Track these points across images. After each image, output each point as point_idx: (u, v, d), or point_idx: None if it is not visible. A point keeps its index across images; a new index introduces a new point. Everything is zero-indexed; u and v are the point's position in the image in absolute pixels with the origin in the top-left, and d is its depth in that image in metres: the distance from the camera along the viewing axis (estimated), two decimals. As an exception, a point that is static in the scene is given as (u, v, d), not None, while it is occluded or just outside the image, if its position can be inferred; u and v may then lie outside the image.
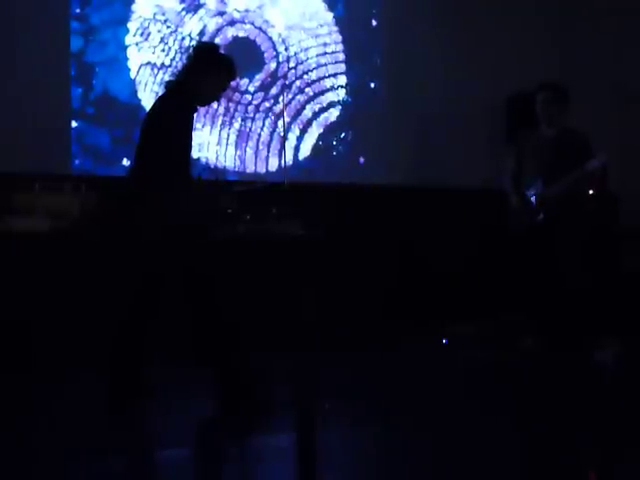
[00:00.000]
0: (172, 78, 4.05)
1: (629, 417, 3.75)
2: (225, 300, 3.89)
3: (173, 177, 3.75)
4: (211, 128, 5.99)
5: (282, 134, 5.84)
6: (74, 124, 5.58)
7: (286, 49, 6.28)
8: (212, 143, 6.01)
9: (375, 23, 6.60)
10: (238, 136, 6.10)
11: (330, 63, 6.42)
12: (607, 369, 4.85)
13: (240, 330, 3.98)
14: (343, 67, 6.48)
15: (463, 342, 5.53)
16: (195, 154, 5.80)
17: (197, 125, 5.82)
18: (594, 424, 3.67)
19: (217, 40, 5.89)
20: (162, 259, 3.79)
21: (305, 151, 6.32)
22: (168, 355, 4.31)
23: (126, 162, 5.51)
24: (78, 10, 5.60)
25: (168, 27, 5.87)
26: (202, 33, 5.96)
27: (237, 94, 6.08)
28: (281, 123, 5.92)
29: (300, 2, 6.33)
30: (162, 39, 5.84)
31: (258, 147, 6.15)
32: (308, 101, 6.34)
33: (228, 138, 6.07)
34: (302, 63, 6.32)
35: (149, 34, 5.80)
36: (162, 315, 3.89)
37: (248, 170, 6.10)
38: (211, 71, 3.92)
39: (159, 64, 5.81)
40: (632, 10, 6.89)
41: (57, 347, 4.68)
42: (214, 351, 3.80)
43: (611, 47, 6.80)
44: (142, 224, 3.78)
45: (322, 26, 6.41)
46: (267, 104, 6.19)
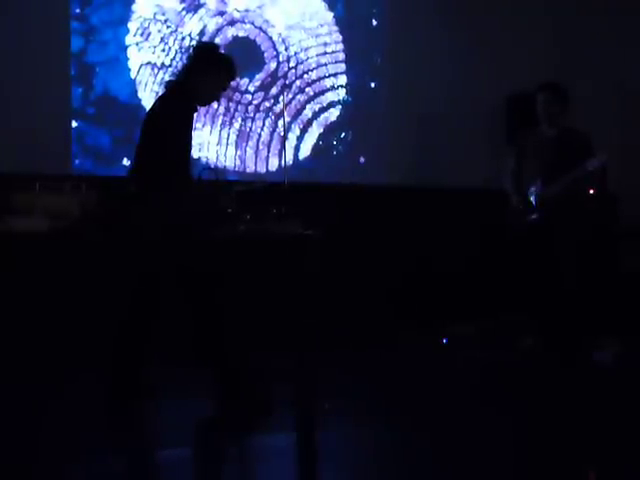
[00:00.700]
0: (172, 78, 4.06)
1: (629, 417, 3.75)
2: (225, 300, 3.89)
3: (173, 177, 3.76)
4: (211, 128, 6.00)
5: (282, 134, 5.84)
6: (74, 124, 5.58)
7: (286, 49, 6.28)
8: (212, 143, 6.01)
9: (375, 23, 6.60)
10: (238, 136, 6.10)
11: (330, 63, 6.42)
12: (607, 369, 4.85)
13: (240, 330, 3.99)
14: (343, 67, 6.47)
15: (463, 342, 5.54)
16: (195, 154, 5.81)
17: (197, 125, 5.82)
18: (594, 424, 3.67)
19: (217, 40, 5.89)
20: (162, 259, 3.79)
21: (305, 151, 6.32)
22: (168, 355, 4.31)
23: (126, 162, 5.51)
24: (78, 10, 5.60)
25: (168, 27, 5.87)
26: (202, 33, 5.96)
27: (237, 94, 6.09)
28: (281, 123, 5.92)
29: (300, 2, 6.32)
30: (162, 39, 5.84)
31: (258, 147, 6.15)
32: (308, 101, 6.34)
33: (228, 138, 6.07)
34: (302, 63, 6.32)
35: (149, 34, 5.80)
36: (162, 315, 3.89)
37: (248, 170, 6.10)
38: (211, 71, 3.92)
39: (159, 64, 5.81)
40: (632, 9, 6.89)
41: (57, 347, 4.68)
42: (214, 351, 3.80)
43: (611, 47, 6.80)
44: (142, 224, 3.78)
45: (322, 26, 6.41)
46: (267, 104, 6.19)
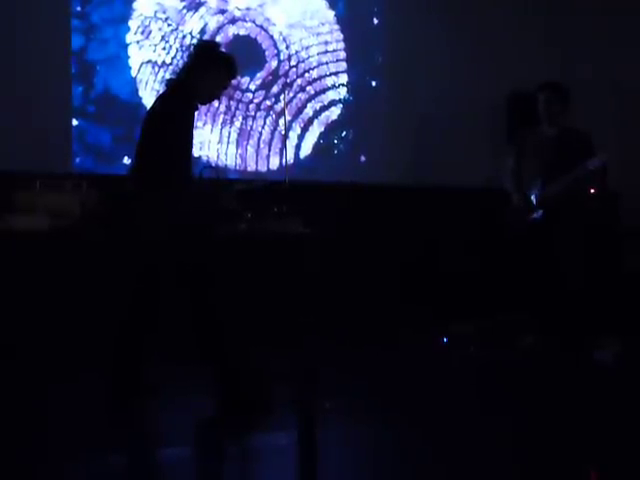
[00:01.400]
0: (173, 76, 4.04)
1: (629, 416, 3.75)
2: (226, 299, 3.89)
3: (174, 176, 3.75)
4: (212, 126, 5.99)
5: (283, 132, 5.84)
6: (75, 122, 5.57)
7: (287, 47, 6.27)
8: (213, 141, 6.00)
9: (376, 21, 6.59)
10: (239, 134, 6.10)
11: (331, 61, 6.42)
12: (607, 368, 4.84)
13: (240, 329, 3.98)
14: (344, 65, 6.47)
15: (463, 341, 5.53)
16: (196, 152, 5.80)
17: (198, 123, 5.82)
18: (594, 424, 3.67)
19: (218, 38, 5.89)
20: (163, 258, 3.79)
21: (306, 150, 6.32)
22: (169, 354, 4.31)
23: (127, 160, 5.50)
24: (79, 8, 5.59)
25: (169, 25, 5.86)
26: (203, 31, 5.95)
27: (238, 92, 6.08)
28: (282, 121, 5.92)
29: (301, 0, 6.32)
30: (163, 37, 5.84)
31: (259, 145, 6.15)
32: (309, 99, 6.34)
33: (229, 136, 6.06)
34: (303, 61, 6.32)
35: (150, 32, 5.80)
36: (163, 314, 3.89)
37: (249, 169, 6.10)
38: (212, 69, 3.91)
39: (160, 62, 5.80)
40: (632, 9, 6.88)
41: (58, 346, 4.68)
42: (214, 350, 3.80)
43: (611, 46, 6.79)
44: (143, 223, 3.78)
45: (323, 24, 6.41)
46: (268, 102, 6.18)
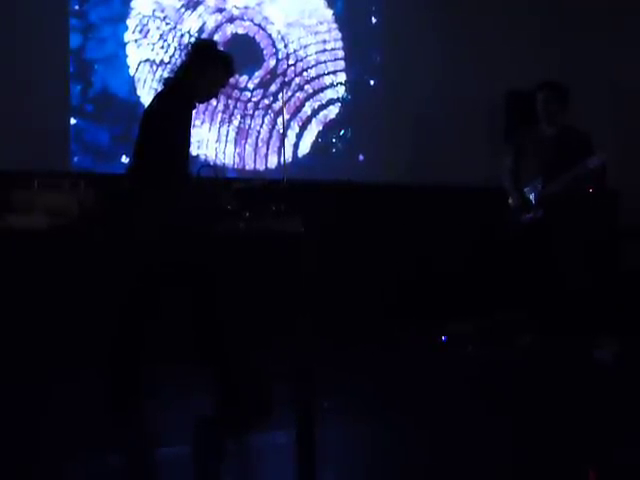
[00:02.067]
0: (171, 75, 4.04)
1: (628, 416, 3.75)
2: (225, 298, 3.89)
3: (172, 175, 3.75)
4: (210, 125, 5.99)
5: (281, 131, 5.84)
6: (73, 121, 5.57)
7: (285, 46, 6.27)
8: (211, 140, 6.00)
9: (374, 20, 6.59)
10: (237, 133, 6.09)
11: (329, 60, 6.42)
12: (606, 368, 4.85)
13: (239, 328, 3.98)
14: (342, 64, 6.47)
15: (461, 340, 5.53)
16: (194, 151, 5.80)
17: (196, 122, 5.82)
18: (593, 423, 3.67)
19: (216, 37, 5.89)
20: (162, 257, 3.78)
21: (304, 148, 6.32)
22: (168, 354, 4.31)
23: (125, 159, 5.50)
24: (77, 7, 5.59)
25: (167, 24, 5.86)
26: (201, 30, 5.95)
27: (236, 91, 6.08)
28: (280, 120, 5.92)
29: (299, -1, 6.32)
30: (161, 36, 5.83)
31: (257, 144, 6.14)
32: (307, 98, 6.34)
33: (227, 135, 6.06)
34: (301, 60, 6.32)
35: (148, 31, 5.79)
36: (162, 314, 3.89)
37: (247, 167, 6.10)
38: (209, 68, 3.91)
39: (158, 61, 5.80)
40: (631, 8, 6.88)
41: (57, 345, 4.68)
42: (214, 350, 3.79)
43: (610, 45, 6.79)
44: (141, 222, 3.78)
45: (321, 23, 6.40)
46: (266, 101, 6.18)
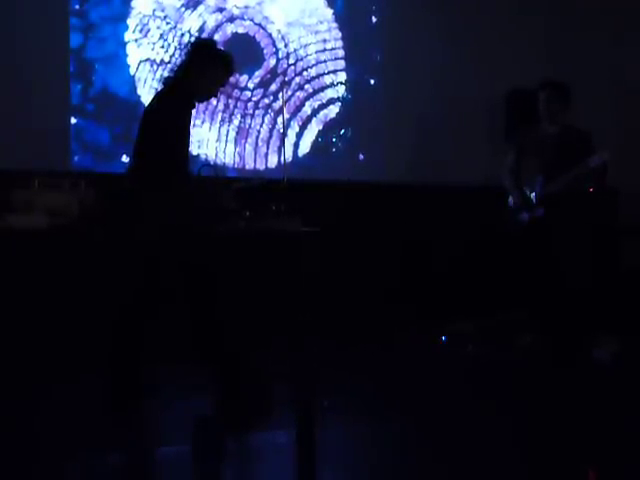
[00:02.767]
0: (170, 74, 4.03)
1: (628, 416, 3.75)
2: (225, 297, 3.89)
3: (173, 175, 3.75)
4: (210, 125, 5.99)
5: (281, 131, 5.84)
6: (73, 120, 5.57)
7: (286, 45, 6.27)
8: (211, 140, 6.00)
9: (374, 20, 6.59)
10: (237, 133, 6.09)
11: (330, 60, 6.41)
12: (605, 367, 4.85)
13: (239, 328, 3.98)
14: (343, 64, 6.47)
15: (462, 340, 5.54)
16: (195, 150, 5.80)
17: (197, 122, 5.82)
18: (592, 423, 3.67)
19: (217, 37, 5.89)
20: (162, 257, 3.78)
21: (304, 148, 6.32)
22: (168, 354, 4.31)
23: (125, 159, 5.50)
24: (77, 6, 5.59)
25: (167, 23, 5.86)
26: (201, 29, 5.95)
27: (236, 91, 6.08)
28: (280, 120, 5.91)
29: (300, -2, 6.32)
30: (161, 35, 5.83)
31: (257, 144, 6.14)
32: (307, 98, 6.33)
33: (227, 135, 6.06)
34: (302, 60, 6.31)
35: (148, 30, 5.79)
36: (162, 314, 3.89)
37: (247, 167, 6.10)
38: (208, 67, 3.90)
39: (158, 60, 5.80)
40: (632, 8, 6.88)
41: (57, 345, 4.68)
42: (213, 350, 3.80)
43: (611, 44, 6.79)
44: (141, 222, 3.78)
45: (322, 23, 6.40)
46: (266, 101, 6.18)
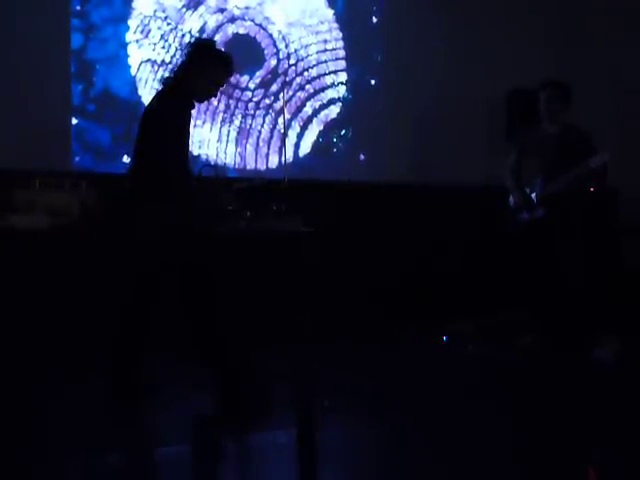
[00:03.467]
0: (170, 75, 4.02)
1: (628, 415, 3.75)
2: (225, 298, 3.89)
3: (173, 175, 3.75)
4: (211, 125, 5.99)
5: (282, 131, 5.84)
6: (74, 121, 5.58)
7: (286, 46, 6.27)
8: (212, 140, 6.01)
9: (375, 20, 6.60)
10: (238, 133, 6.10)
11: (330, 60, 6.42)
12: (607, 367, 4.84)
13: (240, 328, 3.98)
14: (343, 64, 6.47)
15: (462, 340, 5.54)
16: (195, 151, 5.81)
17: (197, 122, 5.83)
18: (593, 422, 3.67)
19: (217, 37, 5.90)
20: (162, 257, 3.79)
21: (305, 148, 6.32)
22: (168, 354, 4.31)
23: (126, 159, 5.50)
24: (78, 7, 5.60)
25: (168, 24, 5.87)
26: (202, 30, 5.95)
27: (237, 91, 6.09)
28: (281, 120, 5.92)
29: (300, -1, 6.33)
30: (162, 36, 5.84)
31: (258, 144, 6.15)
32: (308, 98, 6.34)
33: (228, 135, 6.06)
34: (302, 60, 6.32)
35: (149, 31, 5.80)
36: (162, 314, 3.89)
37: (248, 167, 6.11)
38: (208, 67, 3.90)
39: (159, 61, 5.81)
40: (632, 8, 6.88)
41: (57, 345, 4.69)
42: (213, 350, 3.80)
43: (611, 45, 6.79)
44: (142, 222, 3.78)
45: (322, 23, 6.41)
46: (267, 101, 6.19)
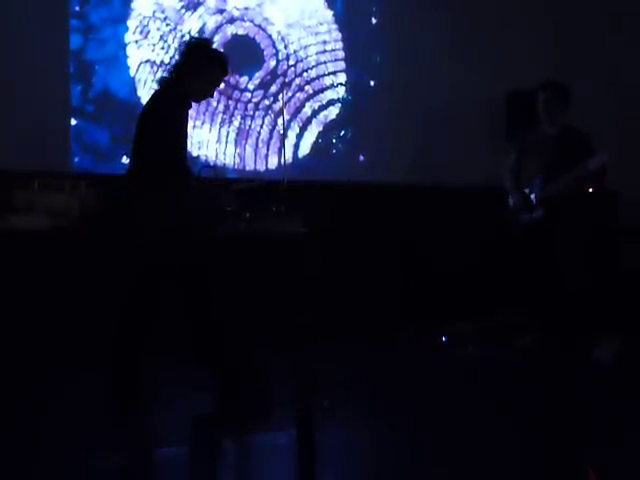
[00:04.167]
0: (165, 74, 4.00)
1: (628, 415, 3.75)
2: (225, 298, 3.89)
3: (172, 176, 3.75)
4: (211, 126, 5.99)
5: (282, 132, 5.84)
6: (73, 122, 5.58)
7: (286, 47, 6.27)
8: (212, 141, 6.00)
9: (375, 21, 6.59)
10: (238, 134, 6.10)
11: (330, 61, 6.42)
12: (606, 368, 4.84)
13: (239, 329, 3.98)
14: (343, 65, 6.47)
15: (462, 340, 5.53)
16: (195, 152, 5.81)
17: (197, 123, 5.83)
18: (593, 422, 3.67)
19: (216, 38, 5.89)
20: (162, 258, 3.78)
21: (305, 149, 6.32)
22: (168, 354, 4.31)
23: (125, 160, 5.49)
24: (77, 8, 5.60)
25: (167, 25, 5.86)
26: (201, 31, 5.95)
27: (237, 92, 6.08)
28: (281, 121, 5.92)
29: (300, 0, 6.32)
30: (161, 37, 5.84)
31: (258, 145, 6.15)
32: (308, 99, 6.34)
33: (228, 136, 6.06)
34: (302, 61, 6.32)
35: (148, 32, 5.80)
36: (162, 314, 3.89)
37: (248, 168, 6.10)
38: (203, 67, 3.89)
39: (158, 62, 5.80)
40: (632, 9, 6.89)
41: (57, 346, 4.68)
42: (213, 350, 3.80)
43: (610, 45, 6.80)
44: (141, 223, 3.78)
45: (322, 24, 6.41)
46: (267, 102, 6.19)
